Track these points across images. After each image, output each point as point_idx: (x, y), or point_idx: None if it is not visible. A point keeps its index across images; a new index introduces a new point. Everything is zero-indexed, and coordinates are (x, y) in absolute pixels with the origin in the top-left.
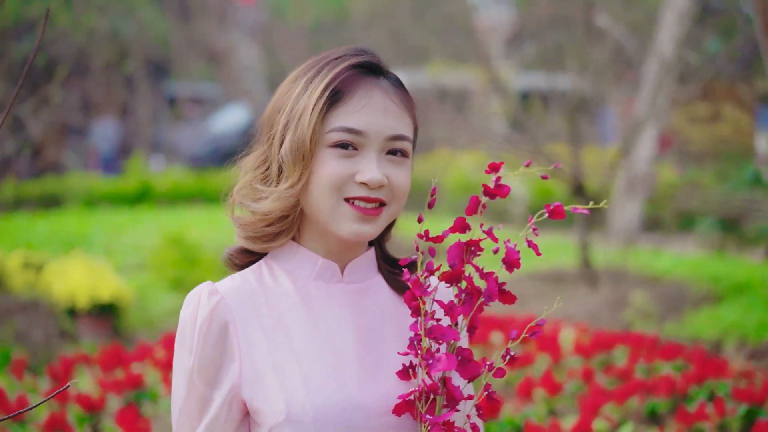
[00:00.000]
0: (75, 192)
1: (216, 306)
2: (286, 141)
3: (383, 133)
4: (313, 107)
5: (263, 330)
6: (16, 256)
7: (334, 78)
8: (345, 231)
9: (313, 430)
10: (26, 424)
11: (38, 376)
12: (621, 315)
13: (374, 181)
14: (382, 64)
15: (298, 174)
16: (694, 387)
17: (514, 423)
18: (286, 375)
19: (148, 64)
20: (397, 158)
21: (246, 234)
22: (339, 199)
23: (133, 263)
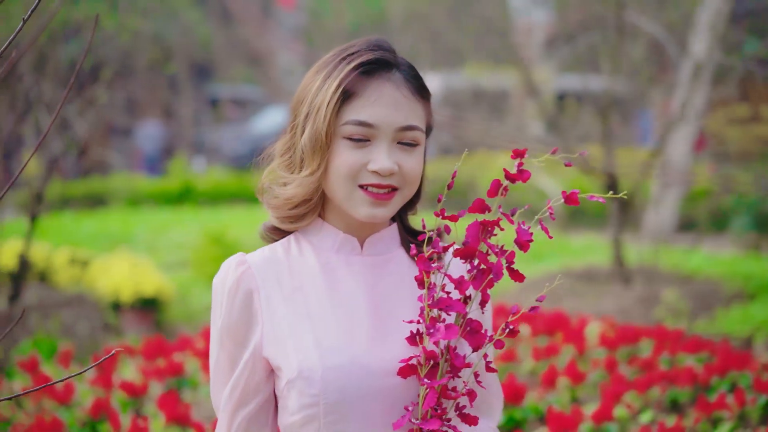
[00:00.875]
0: (119, 192)
1: (242, 274)
2: (306, 132)
3: (393, 125)
4: (327, 103)
5: (284, 296)
6: (63, 253)
7: (346, 76)
8: (360, 214)
9: (321, 385)
10: (73, 408)
11: (84, 366)
12: (652, 312)
13: (384, 170)
14: (393, 60)
15: (316, 163)
16: (716, 378)
17: (537, 409)
18: (301, 336)
19: (191, 66)
20: (408, 147)
21: (275, 215)
22: (354, 186)
23: (175, 260)
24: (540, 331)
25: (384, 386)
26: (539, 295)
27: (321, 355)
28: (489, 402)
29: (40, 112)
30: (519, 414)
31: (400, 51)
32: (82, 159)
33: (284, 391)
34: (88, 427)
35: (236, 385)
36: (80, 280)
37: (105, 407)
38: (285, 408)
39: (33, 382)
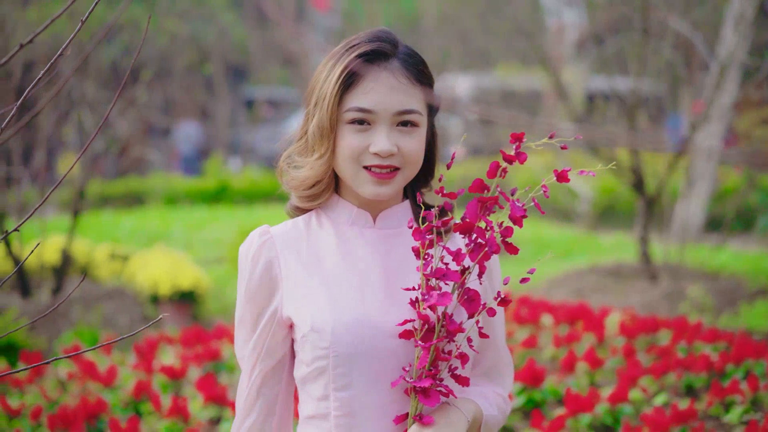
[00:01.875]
0: (157, 191)
1: (264, 243)
2: (314, 119)
3: (391, 110)
4: (331, 92)
5: (302, 263)
6: (104, 249)
7: (346, 67)
8: (366, 192)
9: (331, 339)
10: (116, 390)
11: (125, 354)
12: (677, 307)
13: (384, 151)
14: (391, 49)
15: (324, 147)
16: (731, 366)
17: (556, 392)
18: (316, 295)
19: (227, 68)
20: (407, 129)
21: (294, 194)
22: (359, 167)
23: (210, 257)
24: (562, 320)
25: (388, 346)
26: (569, 291)
27: (333, 311)
28: (499, 370)
29: (83, 111)
30: (538, 395)
31: (432, 52)
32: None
33: (299, 345)
34: (131, 407)
35: (256, 345)
36: (120, 274)
37: (146, 389)
38: (300, 361)
39: (78, 367)
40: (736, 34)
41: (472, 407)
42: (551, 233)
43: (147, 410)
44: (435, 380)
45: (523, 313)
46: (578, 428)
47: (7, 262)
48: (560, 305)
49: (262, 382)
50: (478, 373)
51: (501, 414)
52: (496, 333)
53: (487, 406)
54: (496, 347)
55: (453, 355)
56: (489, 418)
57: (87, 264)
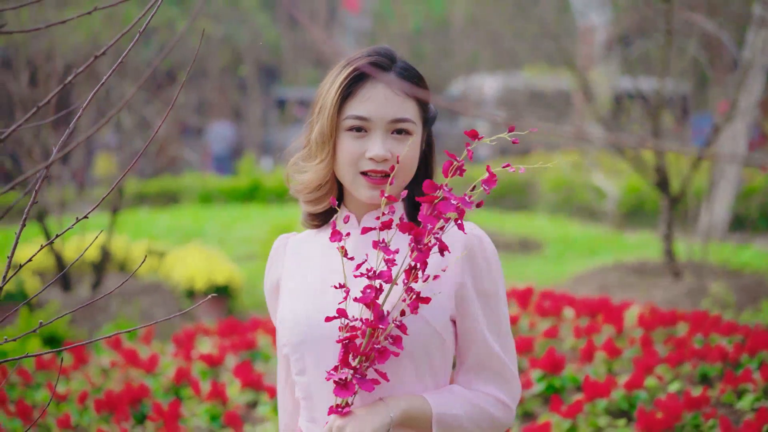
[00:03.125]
0: (191, 189)
1: (277, 250)
2: (316, 127)
3: (385, 118)
4: (330, 102)
5: (296, 265)
6: (140, 245)
7: (345, 79)
8: (362, 196)
9: (287, 327)
10: (157, 377)
11: (164, 345)
12: (700, 304)
13: (378, 156)
14: (387, 63)
15: (324, 153)
16: (745, 357)
17: (575, 379)
18: (289, 293)
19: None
20: (401, 136)
21: (300, 199)
22: (356, 173)
23: (243, 254)
24: (583, 313)
25: (328, 336)
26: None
27: (292, 304)
28: (492, 369)
29: (122, 112)
30: (558, 382)
31: (461, 53)
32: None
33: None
34: (172, 392)
35: (277, 334)
36: (157, 270)
37: (186, 375)
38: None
39: (120, 356)
40: (761, 32)
41: (404, 404)
42: (577, 232)
43: (187, 395)
44: (354, 374)
45: (546, 306)
46: (595, 412)
47: (49, 258)
48: (582, 299)
49: (285, 369)
50: (465, 369)
51: (479, 414)
52: (479, 329)
53: (446, 403)
54: (485, 344)
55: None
56: (444, 417)
57: (125, 260)
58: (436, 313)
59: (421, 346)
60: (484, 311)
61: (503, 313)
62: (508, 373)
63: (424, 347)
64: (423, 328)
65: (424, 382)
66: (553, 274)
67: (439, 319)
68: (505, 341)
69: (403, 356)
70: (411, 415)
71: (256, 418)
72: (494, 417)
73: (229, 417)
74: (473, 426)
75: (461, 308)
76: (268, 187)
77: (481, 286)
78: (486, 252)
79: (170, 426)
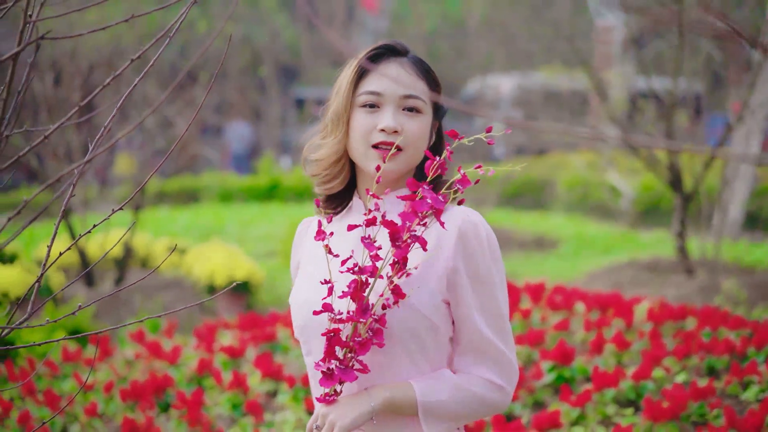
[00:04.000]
0: (211, 188)
1: (298, 232)
2: (332, 107)
3: (396, 93)
4: (347, 81)
5: (313, 250)
6: (162, 242)
7: (362, 59)
8: (372, 168)
9: (295, 312)
10: (180, 367)
11: (186, 338)
12: (712, 300)
13: (389, 127)
14: (402, 48)
15: (339, 129)
16: (752, 350)
17: (584, 370)
18: (300, 280)
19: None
20: (412, 114)
21: (315, 181)
22: (367, 146)
23: (262, 251)
24: (594, 307)
25: (316, 320)
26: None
27: (297, 293)
28: (484, 352)
29: (144, 111)
30: (567, 373)
31: (477, 53)
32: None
33: None
34: (194, 382)
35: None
36: (178, 266)
37: (208, 366)
38: None
39: (144, 348)
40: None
41: (387, 393)
42: (592, 230)
43: (209, 385)
44: (338, 365)
45: (558, 300)
46: (603, 402)
47: (73, 254)
48: (593, 294)
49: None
50: (459, 352)
51: (467, 398)
52: (470, 313)
53: (431, 389)
54: (476, 328)
55: (351, 341)
56: (429, 404)
57: (147, 256)
58: (423, 298)
59: (409, 330)
60: (476, 296)
61: (498, 297)
62: (501, 356)
63: (412, 331)
64: (410, 313)
65: (418, 366)
66: (567, 272)
67: (427, 304)
68: (499, 325)
69: (393, 342)
70: (395, 403)
71: (276, 407)
72: (485, 399)
73: (250, 405)
74: (461, 409)
75: (453, 293)
76: (286, 186)
77: (473, 270)
78: (479, 237)
79: (193, 414)
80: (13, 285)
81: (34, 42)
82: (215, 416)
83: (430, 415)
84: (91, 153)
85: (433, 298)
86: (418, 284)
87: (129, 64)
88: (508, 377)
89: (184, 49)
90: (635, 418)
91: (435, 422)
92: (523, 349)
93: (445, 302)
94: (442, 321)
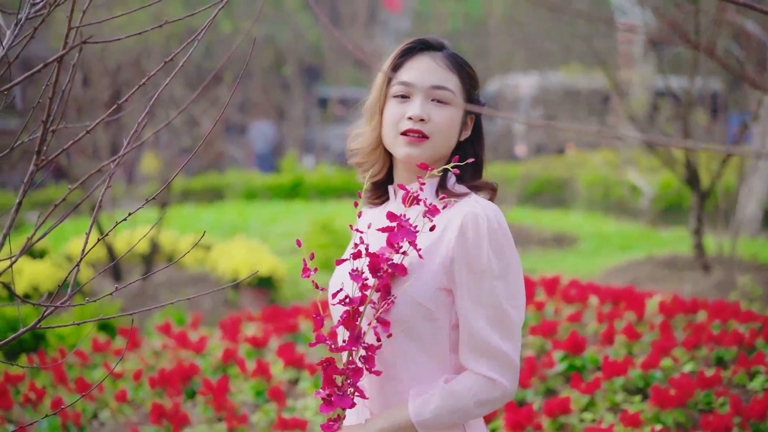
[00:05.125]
0: (235, 186)
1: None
2: (370, 98)
3: (426, 84)
4: (383, 75)
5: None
6: (187, 239)
7: (396, 55)
8: (400, 154)
9: (329, 294)
10: (206, 357)
11: (212, 331)
12: (727, 296)
13: (415, 115)
14: (436, 43)
15: (375, 118)
16: (761, 341)
17: (595, 359)
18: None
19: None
20: (440, 104)
21: (358, 167)
22: (396, 133)
23: (285, 248)
24: (607, 300)
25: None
26: (624, 281)
27: (331, 277)
28: (484, 349)
29: (170, 109)
30: (579, 362)
31: (497, 52)
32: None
33: None
34: (220, 370)
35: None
36: (203, 261)
37: (233, 355)
38: None
39: (171, 338)
40: None
41: (382, 422)
42: (612, 228)
43: (234, 373)
44: (336, 390)
45: (572, 293)
46: (612, 389)
47: (101, 250)
48: (606, 288)
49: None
50: (460, 345)
51: (459, 402)
52: (465, 305)
53: (424, 404)
54: (469, 320)
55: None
56: (424, 421)
57: (173, 252)
58: (420, 289)
59: (409, 319)
60: (472, 287)
61: (497, 289)
62: (495, 348)
63: (411, 320)
64: (407, 303)
65: (426, 351)
66: (586, 268)
67: (423, 293)
68: (497, 317)
69: (395, 333)
70: (391, 429)
71: (298, 393)
72: (479, 398)
73: (273, 392)
74: (457, 416)
75: (452, 284)
76: (309, 184)
77: (469, 262)
78: (478, 229)
79: (219, 400)
80: (43, 279)
81: (78, 46)
82: (239, 402)
83: (429, 428)
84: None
85: (429, 286)
86: (418, 272)
87: (161, 66)
88: (501, 370)
89: (209, 49)
90: (643, 405)
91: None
92: (536, 340)
93: (445, 291)
94: (441, 308)
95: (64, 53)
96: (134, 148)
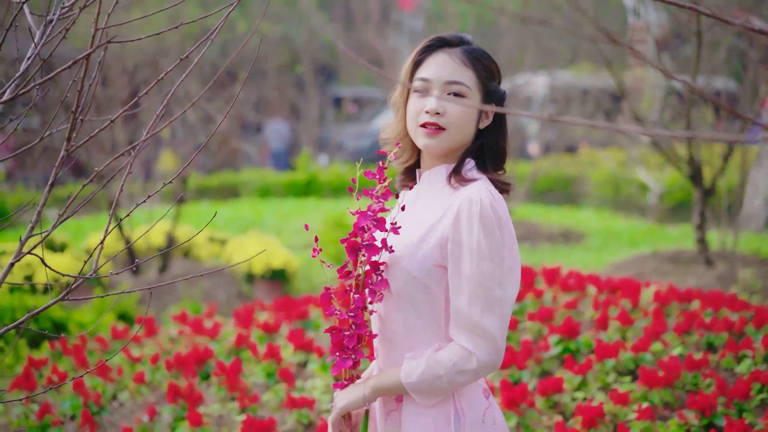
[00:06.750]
0: (250, 184)
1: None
2: (396, 93)
3: (441, 78)
4: (405, 71)
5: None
6: (203, 233)
7: (417, 52)
8: (420, 144)
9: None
10: (220, 342)
11: (227, 321)
12: (729, 290)
13: (431, 109)
14: (454, 40)
15: (400, 111)
16: (751, 328)
17: (589, 343)
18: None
19: (316, 67)
20: (455, 98)
21: (391, 157)
22: (417, 126)
23: (299, 243)
24: (604, 290)
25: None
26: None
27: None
28: (463, 324)
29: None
30: (573, 345)
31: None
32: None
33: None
34: (233, 354)
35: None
36: (218, 255)
37: (245, 340)
38: None
39: (187, 326)
40: None
41: (375, 382)
42: (620, 224)
43: (246, 356)
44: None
45: (571, 283)
46: (604, 371)
47: (119, 244)
48: (605, 278)
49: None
50: (450, 321)
51: (447, 368)
52: (452, 281)
53: (412, 369)
54: (453, 294)
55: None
56: (411, 384)
57: (189, 246)
58: (417, 264)
59: (406, 291)
60: (460, 265)
61: (484, 268)
62: (474, 323)
63: (408, 292)
64: (405, 277)
65: (424, 321)
66: (592, 262)
67: (420, 268)
68: (482, 294)
69: (394, 302)
70: (384, 388)
71: (307, 375)
72: (458, 366)
73: (283, 373)
74: (442, 381)
75: (446, 261)
76: (323, 182)
77: (460, 240)
78: (471, 211)
79: (232, 381)
80: (64, 271)
81: (104, 45)
82: (251, 383)
83: (416, 390)
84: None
85: (426, 262)
86: (417, 249)
87: (177, 63)
88: (476, 344)
89: (224, 49)
90: (632, 385)
91: (424, 396)
92: (534, 325)
93: (440, 267)
94: (436, 283)
95: (91, 51)
96: (148, 139)
